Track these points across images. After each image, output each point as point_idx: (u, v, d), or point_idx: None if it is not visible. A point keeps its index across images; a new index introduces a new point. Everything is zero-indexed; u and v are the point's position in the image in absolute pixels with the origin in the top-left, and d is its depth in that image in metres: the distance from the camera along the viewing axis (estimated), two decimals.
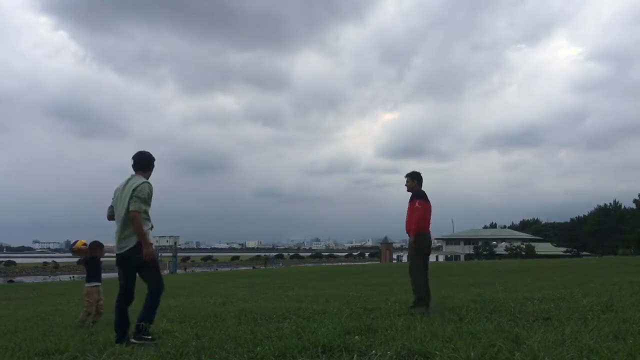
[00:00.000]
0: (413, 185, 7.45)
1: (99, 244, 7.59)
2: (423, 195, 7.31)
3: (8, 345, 5.62)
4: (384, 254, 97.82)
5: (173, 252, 74.65)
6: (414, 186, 7.44)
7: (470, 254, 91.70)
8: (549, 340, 4.15)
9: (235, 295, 13.24)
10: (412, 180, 7.47)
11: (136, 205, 5.26)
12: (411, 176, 7.51)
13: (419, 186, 7.45)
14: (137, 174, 5.61)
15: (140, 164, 5.64)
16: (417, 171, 7.59)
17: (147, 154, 5.75)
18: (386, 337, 4.76)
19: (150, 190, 5.43)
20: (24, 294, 21.61)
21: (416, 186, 7.44)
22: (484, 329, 4.93)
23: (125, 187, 5.49)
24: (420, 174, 7.56)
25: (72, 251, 7.87)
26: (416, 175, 7.53)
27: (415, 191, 7.36)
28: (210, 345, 4.85)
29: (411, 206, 7.25)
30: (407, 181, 7.51)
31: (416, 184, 7.45)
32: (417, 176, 7.52)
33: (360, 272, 29.60)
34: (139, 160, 5.65)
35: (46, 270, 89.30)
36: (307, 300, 9.81)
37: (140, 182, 5.41)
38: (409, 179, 7.51)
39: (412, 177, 7.50)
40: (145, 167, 5.66)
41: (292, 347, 4.43)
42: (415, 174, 7.54)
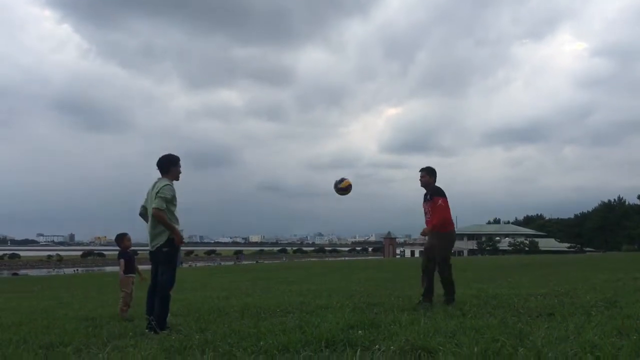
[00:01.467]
0: (429, 181, 7.32)
1: (120, 235, 7.67)
2: (444, 192, 7.19)
3: (13, 338, 5.65)
4: (387, 248, 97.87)
5: None
6: (430, 182, 7.32)
7: (474, 249, 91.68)
8: (552, 336, 4.15)
9: (239, 290, 13.27)
10: (429, 176, 7.34)
11: (158, 203, 5.73)
12: (427, 171, 7.37)
13: (434, 182, 7.35)
14: (162, 177, 6.05)
15: (161, 168, 6.09)
16: (433, 167, 7.46)
17: (165, 157, 6.14)
18: (389, 332, 4.77)
19: (170, 191, 5.87)
20: (28, 287, 21.70)
21: (432, 182, 7.33)
22: (487, 325, 4.93)
23: (152, 190, 5.97)
24: (435, 170, 7.44)
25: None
26: (432, 171, 7.39)
27: (434, 188, 7.23)
28: (214, 339, 4.87)
29: (433, 204, 7.09)
30: (423, 176, 7.36)
31: (432, 179, 7.35)
32: (433, 172, 7.39)
33: (364, 267, 29.61)
34: (159, 165, 6.10)
35: (50, 263, 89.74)
36: (310, 295, 9.82)
37: (163, 185, 5.87)
38: (424, 174, 7.36)
39: (428, 173, 7.36)
40: (165, 170, 6.08)
41: (295, 341, 4.44)
42: (432, 169, 7.41)
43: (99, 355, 4.44)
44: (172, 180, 6.05)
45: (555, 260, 30.75)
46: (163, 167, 6.08)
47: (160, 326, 5.61)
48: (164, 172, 6.07)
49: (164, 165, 6.08)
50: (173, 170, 6.09)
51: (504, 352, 3.62)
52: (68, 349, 4.86)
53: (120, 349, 4.68)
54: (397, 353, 3.87)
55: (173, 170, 6.09)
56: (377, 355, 3.75)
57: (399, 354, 3.86)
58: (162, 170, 6.08)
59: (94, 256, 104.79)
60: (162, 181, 5.96)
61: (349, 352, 3.99)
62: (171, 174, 6.07)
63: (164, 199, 5.76)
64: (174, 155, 6.19)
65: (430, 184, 7.31)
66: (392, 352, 3.84)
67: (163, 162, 6.08)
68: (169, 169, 6.07)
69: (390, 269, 25.22)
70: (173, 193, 5.90)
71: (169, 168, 6.08)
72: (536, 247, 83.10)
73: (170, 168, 6.08)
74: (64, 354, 4.69)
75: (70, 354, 4.67)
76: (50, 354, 4.75)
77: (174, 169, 6.10)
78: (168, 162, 6.09)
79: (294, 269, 31.22)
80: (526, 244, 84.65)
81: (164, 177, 6.04)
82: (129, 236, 7.73)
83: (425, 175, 7.36)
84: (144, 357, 4.23)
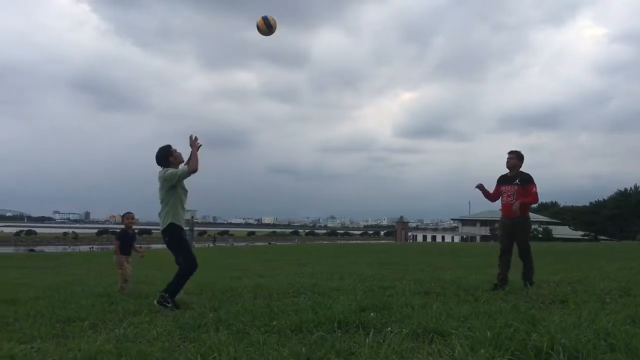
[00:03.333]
0: (517, 164, 7.28)
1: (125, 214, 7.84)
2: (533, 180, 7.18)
3: (30, 312, 5.75)
4: (399, 233, 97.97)
5: (190, 227, 75.36)
6: (517, 165, 7.27)
7: (487, 235, 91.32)
8: (565, 322, 4.14)
9: (251, 271, 13.37)
10: (518, 160, 7.29)
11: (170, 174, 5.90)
12: (517, 155, 7.30)
13: (520, 167, 7.29)
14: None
15: (161, 164, 6.10)
16: (522, 152, 7.38)
17: (158, 152, 6.11)
18: (402, 315, 4.78)
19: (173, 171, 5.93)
20: (45, 263, 22.03)
21: (519, 166, 7.28)
22: (500, 310, 4.93)
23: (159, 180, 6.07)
24: (524, 156, 7.36)
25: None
26: (521, 155, 7.33)
27: (527, 175, 7.18)
28: (227, 317, 4.92)
29: (526, 190, 7.07)
30: (512, 158, 7.30)
31: (519, 163, 7.29)
32: (522, 157, 7.33)
33: (376, 251, 29.69)
34: (158, 162, 6.11)
35: (66, 240, 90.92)
36: (323, 277, 9.87)
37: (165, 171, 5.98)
38: (513, 157, 7.30)
39: (517, 157, 7.29)
40: (165, 163, 6.07)
41: (308, 321, 4.47)
42: (521, 154, 7.34)
43: (115, 331, 4.51)
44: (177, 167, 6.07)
45: (569, 248, 30.59)
46: (162, 161, 6.09)
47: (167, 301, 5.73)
48: (166, 165, 6.06)
49: (162, 159, 6.08)
50: (172, 160, 6.09)
51: (516, 337, 3.62)
52: (85, 324, 4.94)
53: (136, 325, 4.74)
54: (409, 335, 3.89)
55: (172, 160, 6.09)
56: (390, 337, 3.77)
57: (411, 337, 3.88)
58: (163, 164, 6.08)
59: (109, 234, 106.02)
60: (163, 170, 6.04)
61: (362, 334, 4.01)
62: (173, 164, 6.08)
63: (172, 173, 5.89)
64: (164, 146, 6.15)
65: (517, 168, 7.28)
66: (404, 335, 3.85)
67: (159, 157, 6.09)
68: (168, 160, 6.07)
69: (402, 253, 25.25)
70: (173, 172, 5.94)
71: (168, 159, 6.07)
72: (550, 234, 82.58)
73: (170, 159, 6.08)
74: (80, 329, 4.77)
75: (86, 329, 4.76)
76: (67, 328, 4.84)
77: (172, 158, 6.09)
78: (163, 155, 6.08)
79: (306, 251, 31.37)
80: (540, 231, 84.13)
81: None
82: (130, 215, 7.86)
83: (513, 158, 7.31)
84: (159, 334, 4.30)
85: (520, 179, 7.18)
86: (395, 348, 3.50)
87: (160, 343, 3.94)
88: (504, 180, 7.37)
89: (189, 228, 74.18)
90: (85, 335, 4.43)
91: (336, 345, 3.65)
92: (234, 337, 4.03)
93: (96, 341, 4.04)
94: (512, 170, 7.32)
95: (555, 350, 3.24)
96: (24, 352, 3.79)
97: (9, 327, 4.95)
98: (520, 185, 7.14)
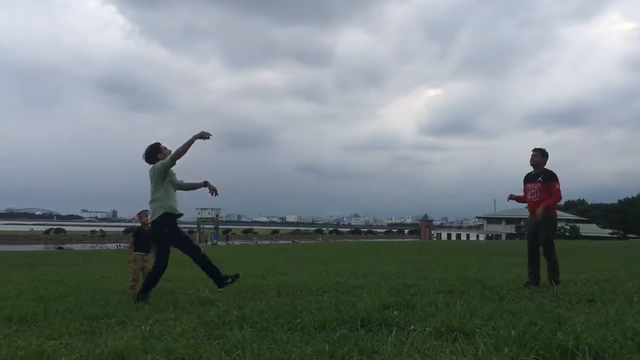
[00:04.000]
0: (541, 161, 7.22)
1: (141, 212, 7.88)
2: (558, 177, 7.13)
3: (59, 309, 5.87)
4: (423, 231, 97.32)
5: (215, 225, 76.00)
6: (541, 163, 7.22)
7: (512, 233, 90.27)
8: (592, 322, 4.09)
9: (275, 269, 13.43)
10: (542, 157, 7.23)
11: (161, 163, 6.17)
12: (541, 152, 7.25)
13: (544, 164, 7.24)
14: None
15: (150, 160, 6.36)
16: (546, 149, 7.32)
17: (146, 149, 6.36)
18: (425, 313, 4.77)
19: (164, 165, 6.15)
20: (73, 260, 22.42)
21: (543, 163, 7.23)
22: (525, 309, 4.88)
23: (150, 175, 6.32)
24: (548, 153, 7.30)
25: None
26: (545, 153, 7.27)
27: (550, 172, 7.13)
28: (251, 315, 4.96)
29: (549, 187, 7.01)
30: (536, 155, 7.25)
31: (543, 161, 7.24)
32: (546, 154, 7.27)
33: (399, 249, 29.57)
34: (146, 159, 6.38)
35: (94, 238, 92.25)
36: (346, 275, 9.88)
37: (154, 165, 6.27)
38: (537, 154, 7.25)
39: (541, 153, 7.24)
40: (151, 160, 6.34)
41: (331, 319, 4.48)
42: (545, 151, 7.28)
43: (141, 328, 4.58)
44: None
45: (597, 246, 30.08)
46: (150, 157, 6.33)
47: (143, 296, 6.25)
48: (153, 162, 6.32)
49: (150, 155, 6.33)
50: (161, 156, 6.30)
51: (541, 336, 3.58)
52: (112, 321, 5.03)
53: (161, 322, 4.82)
54: (432, 334, 3.88)
55: (161, 156, 6.30)
56: (413, 335, 3.76)
57: (434, 335, 3.87)
58: (151, 160, 6.33)
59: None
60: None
61: (385, 332, 4.01)
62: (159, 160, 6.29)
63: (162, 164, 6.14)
64: (153, 144, 6.39)
65: (541, 165, 7.23)
66: (427, 333, 3.84)
67: (147, 153, 6.33)
68: (156, 157, 6.30)
69: (426, 252, 25.10)
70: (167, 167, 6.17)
71: (156, 155, 6.31)
72: (577, 232, 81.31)
73: (157, 155, 6.31)
74: (108, 325, 4.85)
75: (113, 326, 4.84)
76: (94, 325, 4.93)
77: (160, 155, 6.31)
78: (150, 151, 6.34)
79: (330, 250, 31.38)
80: (567, 230, 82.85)
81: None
82: (146, 212, 7.89)
83: (537, 155, 7.26)
84: (184, 331, 4.35)
85: (543, 176, 7.11)
86: (418, 346, 3.50)
87: (185, 340, 4.00)
88: (528, 178, 7.33)
89: (214, 226, 75.09)
90: (112, 332, 4.51)
91: (359, 343, 3.65)
92: (258, 335, 4.06)
93: (123, 338, 4.12)
94: (536, 168, 7.26)
95: (581, 350, 3.20)
96: (53, 348, 3.88)
97: (38, 324, 5.07)
98: (543, 182, 7.07)
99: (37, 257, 26.42)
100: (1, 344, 4.04)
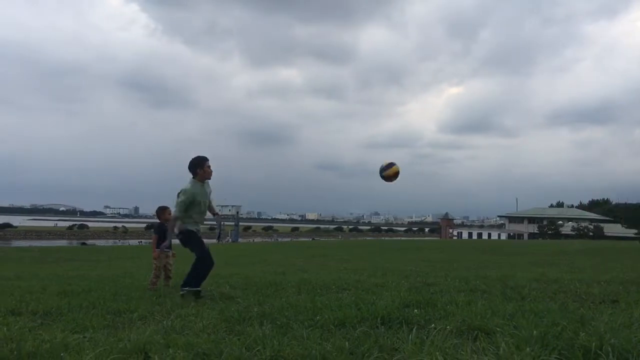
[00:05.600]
0: None
1: (161, 208, 7.86)
2: None
3: (83, 304, 5.95)
4: (444, 229, 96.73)
5: (235, 221, 76.48)
6: None
7: (535, 233, 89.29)
8: (616, 322, 4.03)
9: (295, 266, 13.46)
10: None
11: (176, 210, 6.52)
12: None
13: None
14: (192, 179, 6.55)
15: (190, 171, 6.54)
16: None
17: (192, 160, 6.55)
18: (446, 312, 4.74)
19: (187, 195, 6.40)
20: (96, 256, 22.72)
21: None
22: (547, 308, 4.83)
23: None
24: None
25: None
26: None
27: None
28: (271, 311, 4.98)
29: None
30: None
31: None
32: None
33: (420, 248, 29.42)
34: (188, 168, 6.54)
35: (116, 234, 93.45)
36: (366, 273, 9.86)
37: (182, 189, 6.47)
38: None
39: None
40: (193, 173, 6.52)
41: (351, 317, 4.49)
42: None
43: (163, 323, 4.63)
44: (203, 180, 6.53)
45: (621, 246, 29.58)
46: (191, 169, 6.50)
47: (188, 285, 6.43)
48: (193, 174, 6.50)
49: (191, 168, 6.50)
50: (200, 172, 6.48)
51: (564, 336, 3.54)
52: (134, 316, 5.09)
53: (183, 318, 4.86)
54: (453, 333, 3.85)
55: (200, 172, 6.48)
56: (433, 334, 3.75)
57: (455, 334, 3.84)
58: (191, 172, 6.50)
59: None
60: (186, 184, 6.48)
61: (405, 330, 4.00)
62: (199, 176, 6.49)
63: (183, 203, 6.38)
64: (200, 157, 6.54)
65: None
66: (448, 332, 3.82)
67: (190, 165, 6.50)
68: (195, 172, 6.49)
69: (446, 250, 24.95)
70: (191, 198, 6.40)
71: (196, 170, 6.48)
72: (601, 232, 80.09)
73: (197, 170, 6.48)
74: (130, 320, 4.92)
75: (136, 320, 4.90)
76: (117, 319, 4.99)
77: (200, 171, 6.48)
78: (193, 165, 6.49)
79: (350, 247, 31.36)
80: (590, 229, 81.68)
81: (193, 179, 6.50)
82: (170, 210, 7.84)
83: None
84: (205, 326, 4.39)
85: None
86: (439, 345, 3.48)
87: (206, 335, 4.03)
88: None
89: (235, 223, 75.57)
90: (134, 327, 4.57)
91: (379, 341, 3.65)
92: (278, 331, 4.08)
93: (145, 332, 4.16)
94: None
95: (604, 351, 3.16)
96: (76, 342, 3.93)
97: (62, 318, 5.14)
98: None
99: (61, 252, 26.83)
100: (27, 336, 4.11)
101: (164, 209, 7.84)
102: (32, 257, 21.45)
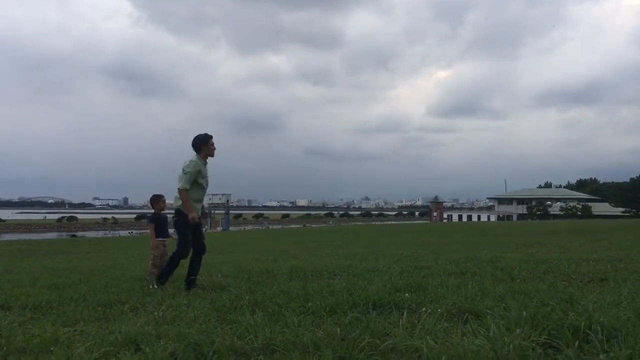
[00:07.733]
0: None
1: (155, 197, 7.76)
2: None
3: (73, 296, 5.92)
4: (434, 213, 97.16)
5: (225, 210, 76.31)
6: None
7: (523, 214, 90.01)
8: (604, 301, 4.07)
9: (286, 253, 13.47)
10: None
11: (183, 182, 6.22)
12: None
13: None
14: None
15: (193, 148, 6.44)
16: None
17: (196, 136, 6.45)
18: (436, 295, 4.77)
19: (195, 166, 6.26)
20: (86, 248, 22.61)
21: None
22: (536, 289, 4.87)
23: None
24: None
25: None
26: None
27: None
28: (263, 299, 4.99)
29: None
30: None
31: None
32: None
33: (410, 231, 29.57)
34: (192, 145, 6.44)
35: (106, 225, 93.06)
36: (357, 258, 9.90)
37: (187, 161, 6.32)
38: None
39: None
40: (197, 149, 6.43)
41: (343, 302, 4.50)
42: None
43: (154, 314, 4.62)
44: (206, 158, 6.44)
45: (609, 225, 29.90)
46: (195, 146, 6.42)
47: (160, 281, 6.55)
48: (196, 151, 6.41)
49: (195, 145, 6.41)
50: (204, 149, 6.41)
51: (553, 316, 3.57)
52: (125, 307, 5.08)
53: (174, 308, 4.85)
54: (443, 316, 3.88)
55: (204, 149, 6.41)
56: (424, 317, 3.77)
57: (445, 317, 3.87)
58: (195, 149, 6.42)
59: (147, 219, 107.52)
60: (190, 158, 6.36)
61: (396, 314, 4.02)
62: (203, 152, 6.41)
63: (190, 175, 6.21)
64: (205, 134, 6.47)
65: None
66: (439, 315, 3.85)
67: (194, 141, 6.42)
68: (200, 148, 6.40)
69: (436, 234, 25.09)
70: (198, 168, 6.26)
71: (200, 147, 6.40)
72: (589, 211, 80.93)
73: (201, 147, 6.40)
74: (121, 312, 4.90)
75: (127, 312, 4.89)
76: (108, 311, 4.98)
77: (205, 148, 6.41)
78: (198, 141, 6.41)
79: (341, 233, 31.45)
80: (578, 209, 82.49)
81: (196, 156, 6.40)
82: (164, 198, 7.80)
83: None
84: (197, 316, 4.39)
85: None
86: (430, 328, 3.50)
87: (198, 325, 4.03)
88: None
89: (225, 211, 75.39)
90: (125, 318, 4.55)
91: (371, 326, 3.66)
92: (270, 319, 4.09)
93: (136, 323, 4.16)
94: None
95: (593, 330, 3.19)
96: (67, 335, 3.92)
97: (53, 311, 5.12)
98: None
99: (50, 245, 26.67)
100: (16, 331, 4.08)
101: (158, 198, 7.76)
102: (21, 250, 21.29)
